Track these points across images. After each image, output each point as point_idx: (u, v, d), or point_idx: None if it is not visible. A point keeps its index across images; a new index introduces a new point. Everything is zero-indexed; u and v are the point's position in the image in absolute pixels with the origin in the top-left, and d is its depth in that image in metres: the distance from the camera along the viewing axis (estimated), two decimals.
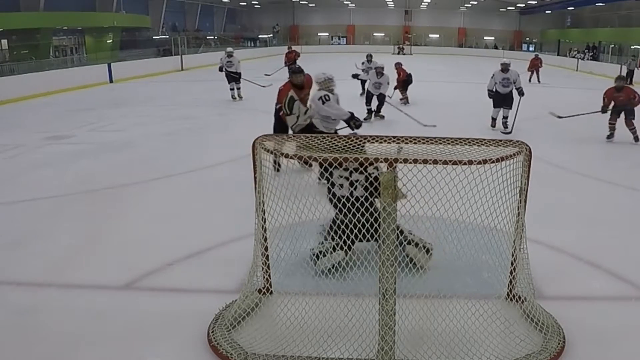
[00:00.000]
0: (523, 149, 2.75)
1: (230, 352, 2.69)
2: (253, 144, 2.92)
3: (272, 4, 40.91)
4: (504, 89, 8.65)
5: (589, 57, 26.83)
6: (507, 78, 8.60)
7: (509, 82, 8.62)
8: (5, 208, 5.09)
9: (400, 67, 12.26)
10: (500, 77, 8.63)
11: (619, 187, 5.79)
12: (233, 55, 12.24)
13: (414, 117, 6.20)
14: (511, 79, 8.59)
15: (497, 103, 8.80)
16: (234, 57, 12.23)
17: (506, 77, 8.59)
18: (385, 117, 10.04)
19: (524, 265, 3.03)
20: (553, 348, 2.73)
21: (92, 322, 3.07)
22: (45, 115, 10.57)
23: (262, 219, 3.05)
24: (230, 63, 12.13)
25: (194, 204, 5.14)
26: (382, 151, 2.70)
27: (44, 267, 3.77)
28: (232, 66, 12.14)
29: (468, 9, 40.62)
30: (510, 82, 8.61)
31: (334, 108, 5.43)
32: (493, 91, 8.79)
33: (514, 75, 8.66)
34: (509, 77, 8.60)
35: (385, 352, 2.55)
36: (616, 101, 8.03)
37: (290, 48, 18.13)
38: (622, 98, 8.00)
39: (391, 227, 2.44)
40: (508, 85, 8.64)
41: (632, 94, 7.99)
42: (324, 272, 3.39)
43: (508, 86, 8.63)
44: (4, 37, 20.43)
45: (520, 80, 8.75)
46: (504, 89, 8.65)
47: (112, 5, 25.07)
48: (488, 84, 8.86)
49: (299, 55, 17.28)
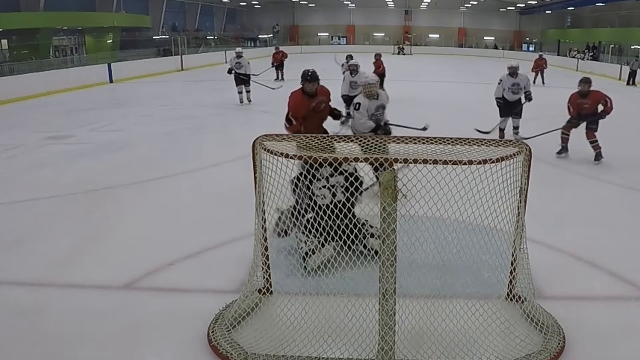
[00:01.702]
0: (523, 149, 2.75)
1: (230, 352, 2.69)
2: (253, 144, 2.92)
3: (272, 4, 40.90)
4: (513, 95, 7.70)
5: (589, 57, 26.82)
6: (517, 84, 7.67)
7: (518, 88, 7.69)
8: (5, 208, 5.10)
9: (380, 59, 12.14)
10: (509, 82, 7.67)
11: (619, 187, 5.79)
12: (242, 56, 11.53)
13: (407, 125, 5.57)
14: (521, 84, 7.67)
15: (505, 111, 7.77)
16: (243, 58, 11.53)
17: (516, 83, 7.66)
18: None
19: (524, 265, 3.03)
20: (553, 348, 2.73)
21: (92, 322, 3.07)
22: (45, 115, 10.58)
23: (262, 219, 3.05)
24: (239, 64, 11.44)
25: (194, 204, 5.14)
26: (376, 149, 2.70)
27: (44, 267, 3.77)
28: (242, 68, 11.45)
29: (468, 9, 40.60)
30: (520, 88, 7.69)
31: (357, 119, 5.14)
32: (501, 99, 7.79)
33: (524, 80, 7.74)
34: (518, 82, 7.67)
35: (385, 352, 2.55)
36: (581, 110, 6.55)
37: (277, 48, 17.87)
38: (587, 105, 6.55)
39: (391, 227, 2.44)
40: (517, 91, 7.71)
41: (602, 98, 6.51)
42: (315, 270, 3.39)
43: (517, 93, 7.71)
44: (4, 37, 20.42)
45: (530, 84, 7.92)
46: (513, 95, 7.70)
47: (112, 5, 25.05)
48: (495, 91, 7.86)
49: (286, 56, 17.09)
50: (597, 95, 6.55)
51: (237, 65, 11.40)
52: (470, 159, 2.49)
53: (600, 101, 6.48)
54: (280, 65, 16.67)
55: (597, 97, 6.53)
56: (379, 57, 12.50)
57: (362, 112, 5.08)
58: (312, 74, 4.77)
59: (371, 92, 5.08)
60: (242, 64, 11.43)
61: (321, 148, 2.74)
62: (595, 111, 6.55)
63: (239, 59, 11.42)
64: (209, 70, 20.67)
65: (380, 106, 5.18)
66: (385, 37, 41.62)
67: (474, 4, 39.37)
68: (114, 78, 16.74)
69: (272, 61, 16.60)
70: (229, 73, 11.52)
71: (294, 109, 4.77)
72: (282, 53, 17.00)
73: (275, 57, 16.81)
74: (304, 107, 4.77)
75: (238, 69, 11.42)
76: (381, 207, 2.43)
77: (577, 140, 6.67)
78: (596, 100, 6.51)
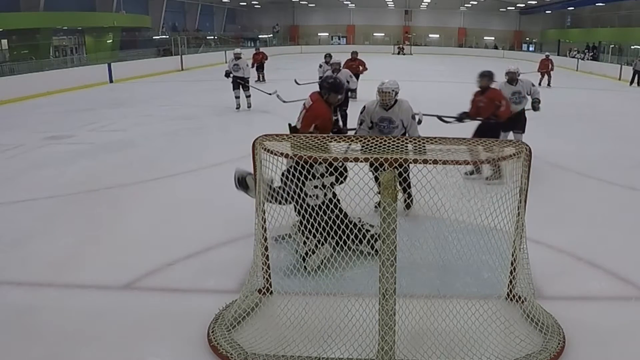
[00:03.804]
0: (523, 149, 2.75)
1: (230, 352, 2.69)
2: (253, 144, 2.92)
3: (272, 4, 40.91)
4: (515, 106, 6.13)
5: (589, 57, 26.84)
6: (518, 92, 6.22)
7: (520, 97, 6.25)
8: (6, 208, 5.10)
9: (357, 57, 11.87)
10: (508, 91, 6.14)
11: (619, 187, 5.78)
12: (241, 58, 10.67)
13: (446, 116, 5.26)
14: (523, 92, 6.26)
15: (505, 126, 5.98)
16: (242, 60, 10.67)
17: (517, 91, 6.21)
18: None
19: (524, 265, 3.03)
20: (553, 348, 2.73)
21: (92, 322, 3.08)
22: (45, 115, 10.57)
23: (262, 219, 3.05)
24: (237, 67, 10.57)
25: (194, 204, 5.14)
26: None
27: (44, 267, 3.77)
28: (239, 70, 10.58)
29: (468, 9, 40.61)
30: (523, 97, 6.27)
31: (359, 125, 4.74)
32: None
33: (527, 86, 6.31)
34: (520, 90, 6.24)
35: (385, 352, 2.55)
36: (478, 108, 5.73)
37: (258, 49, 17.60)
38: (483, 104, 5.66)
39: (391, 227, 2.44)
40: (520, 101, 6.26)
41: (497, 99, 5.60)
42: (315, 270, 3.39)
43: (520, 102, 6.26)
44: (4, 37, 20.44)
45: (537, 89, 6.46)
46: (515, 106, 6.13)
47: (112, 5, 25.07)
48: None
49: (267, 57, 16.76)
50: (493, 93, 5.67)
51: (235, 68, 10.60)
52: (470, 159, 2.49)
53: (495, 102, 5.57)
54: (261, 66, 16.32)
55: (493, 95, 5.63)
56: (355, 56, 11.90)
57: (364, 115, 4.66)
58: (338, 82, 4.44)
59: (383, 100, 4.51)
60: (240, 66, 10.64)
61: (317, 147, 2.74)
62: (492, 113, 5.61)
63: (237, 61, 10.65)
64: (209, 71, 20.66)
65: (387, 119, 4.53)
66: (385, 37, 41.62)
67: (474, 4, 39.37)
68: (114, 78, 16.73)
69: (253, 62, 15.85)
70: (227, 77, 10.61)
71: (324, 125, 4.27)
72: (262, 54, 16.56)
73: (255, 58, 16.26)
74: (331, 122, 4.42)
75: (236, 71, 10.60)
76: (381, 207, 2.43)
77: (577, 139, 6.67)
78: (491, 99, 5.59)
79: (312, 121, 4.22)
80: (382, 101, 4.51)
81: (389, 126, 4.58)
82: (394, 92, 4.49)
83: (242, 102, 10.85)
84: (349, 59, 11.98)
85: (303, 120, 4.30)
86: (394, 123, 4.55)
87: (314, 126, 4.19)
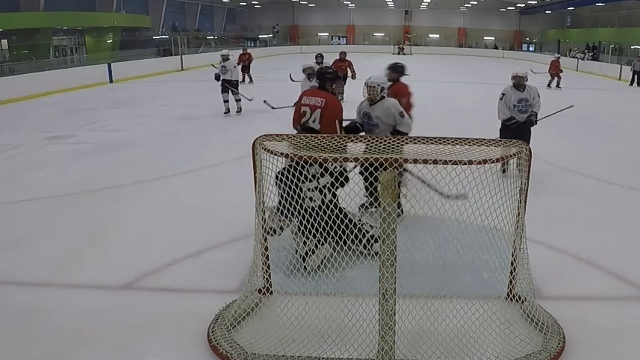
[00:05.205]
0: (523, 149, 2.75)
1: (230, 352, 2.69)
2: (253, 144, 2.92)
3: (272, 4, 40.92)
4: (521, 115, 5.71)
5: (589, 57, 26.86)
6: (525, 99, 5.69)
7: (527, 105, 5.70)
8: (6, 208, 5.10)
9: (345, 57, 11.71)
10: (514, 98, 5.69)
11: (619, 187, 5.78)
12: (229, 59, 10.19)
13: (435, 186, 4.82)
14: (530, 99, 5.70)
15: (510, 135, 5.24)
16: (229, 62, 10.20)
17: (523, 99, 5.69)
18: None
19: (524, 265, 3.03)
20: (553, 348, 2.73)
21: (92, 322, 3.07)
22: (45, 115, 10.57)
23: (262, 219, 3.05)
24: (224, 69, 10.09)
25: (194, 204, 5.13)
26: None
27: (44, 267, 3.77)
28: (227, 72, 10.09)
29: (468, 9, 40.62)
30: (529, 106, 5.71)
31: None
32: (513, 120, 5.72)
33: (534, 93, 5.75)
34: (527, 97, 5.69)
35: (385, 352, 2.55)
36: None
37: (244, 50, 17.38)
38: None
39: (391, 227, 2.44)
40: (526, 110, 5.71)
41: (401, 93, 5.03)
42: (315, 270, 3.40)
43: (526, 111, 5.72)
44: (4, 37, 20.45)
45: (539, 102, 5.80)
46: (521, 115, 5.71)
47: (112, 5, 25.08)
48: (498, 111, 5.83)
49: (252, 59, 16.57)
50: (399, 87, 5.14)
51: (223, 70, 10.09)
52: (470, 159, 2.49)
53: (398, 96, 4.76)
54: (246, 67, 16.06)
55: (397, 89, 5.05)
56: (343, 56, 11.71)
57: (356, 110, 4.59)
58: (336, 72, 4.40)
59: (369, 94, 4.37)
60: (228, 68, 10.11)
61: (316, 147, 2.73)
62: None
63: (224, 62, 10.13)
64: (209, 71, 20.59)
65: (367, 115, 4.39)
66: (385, 37, 41.62)
67: (474, 4, 39.39)
68: (114, 78, 16.73)
69: (238, 61, 15.28)
70: (217, 80, 10.20)
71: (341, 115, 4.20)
72: (248, 55, 16.35)
73: (241, 58, 15.91)
74: None
75: (224, 74, 10.08)
76: (381, 207, 2.43)
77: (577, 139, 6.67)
78: (395, 92, 4.88)
79: (334, 119, 4.09)
80: (368, 95, 4.37)
81: (368, 123, 4.44)
82: (380, 86, 4.33)
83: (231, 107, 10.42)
84: (337, 59, 11.89)
85: (323, 121, 4.09)
86: (372, 120, 4.40)
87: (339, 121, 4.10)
